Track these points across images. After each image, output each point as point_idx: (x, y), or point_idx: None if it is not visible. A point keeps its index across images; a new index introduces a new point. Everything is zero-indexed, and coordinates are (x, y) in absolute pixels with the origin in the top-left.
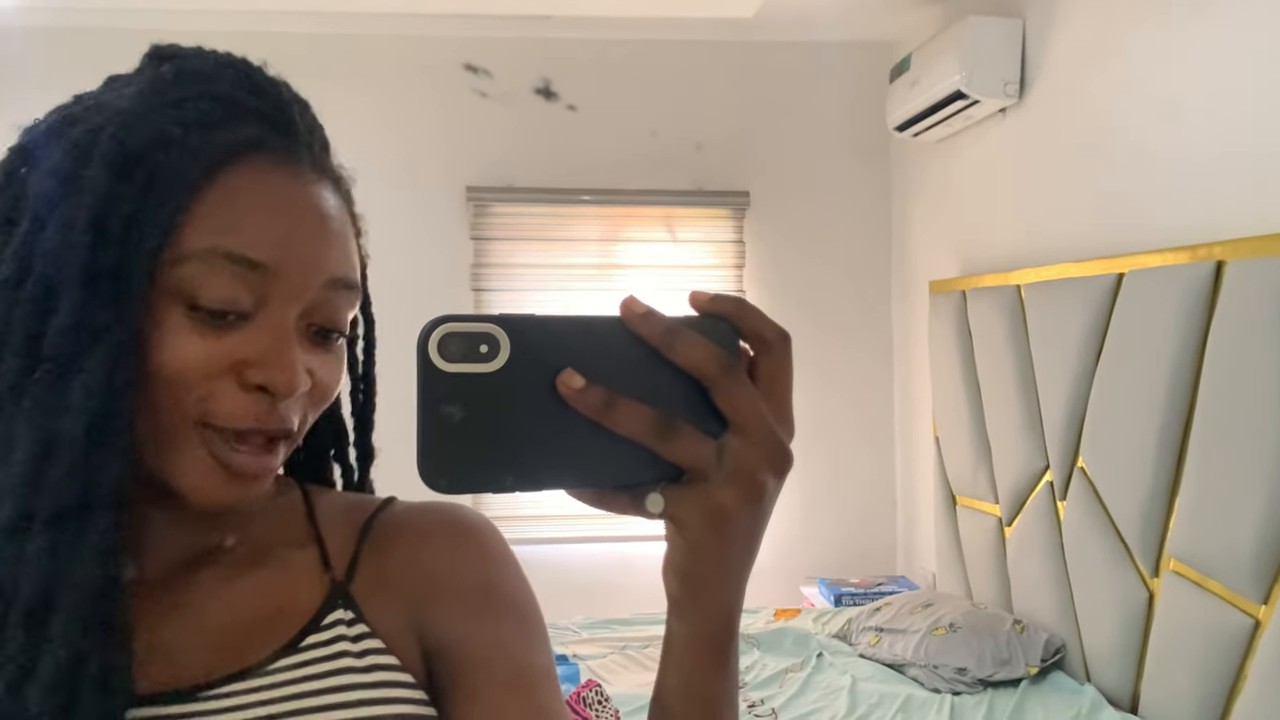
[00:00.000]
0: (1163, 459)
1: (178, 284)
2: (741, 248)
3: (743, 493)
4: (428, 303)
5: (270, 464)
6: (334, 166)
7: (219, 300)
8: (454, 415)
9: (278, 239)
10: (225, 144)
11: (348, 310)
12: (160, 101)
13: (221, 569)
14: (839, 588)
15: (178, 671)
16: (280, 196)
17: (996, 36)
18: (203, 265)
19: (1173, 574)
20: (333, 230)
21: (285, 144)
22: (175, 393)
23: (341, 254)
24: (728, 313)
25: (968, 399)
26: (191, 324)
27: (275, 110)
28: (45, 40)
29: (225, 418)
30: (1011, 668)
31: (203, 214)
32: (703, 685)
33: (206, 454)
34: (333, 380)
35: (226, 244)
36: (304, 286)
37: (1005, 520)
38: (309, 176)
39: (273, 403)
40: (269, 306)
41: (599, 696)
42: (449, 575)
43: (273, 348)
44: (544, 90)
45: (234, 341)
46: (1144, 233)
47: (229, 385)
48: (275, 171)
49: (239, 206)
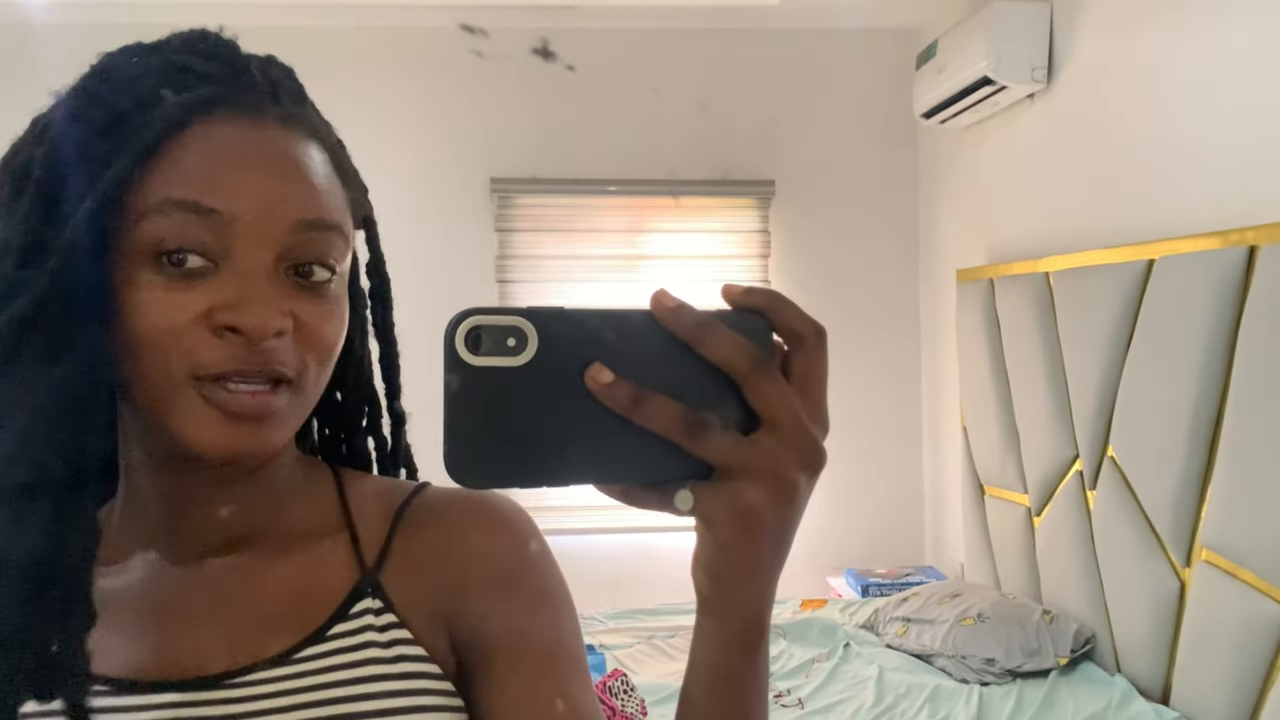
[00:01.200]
0: (1194, 447)
1: (139, 244)
2: (767, 237)
3: (773, 492)
4: (452, 295)
5: (270, 404)
6: (308, 117)
7: (176, 244)
8: (481, 409)
9: (231, 185)
10: (178, 107)
11: (330, 252)
12: (113, 78)
13: (251, 556)
14: (866, 578)
15: (205, 658)
16: (235, 145)
17: (1024, 21)
18: (160, 218)
19: (1205, 564)
20: (297, 174)
21: (243, 98)
22: (156, 351)
23: (309, 197)
24: (761, 306)
25: (996, 388)
26: (160, 279)
27: (230, 68)
28: (76, 36)
29: (208, 365)
30: (1041, 658)
31: (158, 173)
32: (732, 682)
33: (202, 402)
34: (324, 324)
35: (178, 193)
36: (269, 230)
37: (1034, 510)
38: (271, 125)
39: (249, 344)
40: (234, 254)
41: (625, 686)
42: (480, 564)
43: (239, 290)
44: (542, 51)
45: (202, 291)
46: (1174, 218)
47: (203, 333)
48: (232, 124)
49: (191, 160)
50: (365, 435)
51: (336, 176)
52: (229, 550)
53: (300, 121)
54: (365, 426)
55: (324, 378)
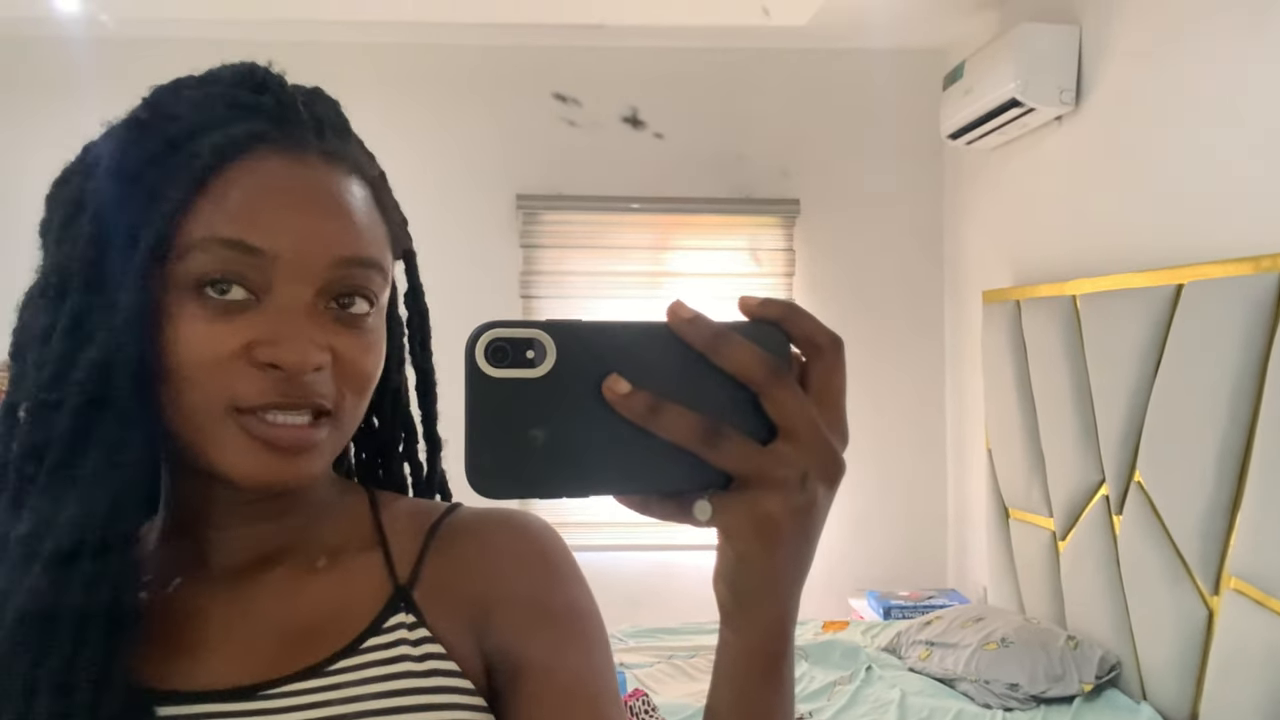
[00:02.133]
0: (1223, 474)
1: (184, 276)
2: (792, 256)
3: (792, 501)
4: (477, 310)
5: (310, 438)
6: (351, 153)
7: (219, 277)
8: (501, 420)
9: (274, 222)
10: (225, 141)
11: (369, 286)
12: (164, 111)
13: (286, 571)
14: (888, 600)
15: (240, 669)
16: (278, 182)
17: (1052, 43)
18: (203, 254)
19: (1233, 592)
20: (339, 211)
21: (288, 134)
22: (197, 382)
23: (349, 233)
24: (778, 317)
25: (1021, 410)
26: (201, 312)
27: (277, 103)
28: (107, 51)
29: (248, 398)
30: (1065, 684)
31: (203, 209)
32: (755, 698)
33: (242, 434)
34: (362, 356)
35: (223, 231)
36: (310, 267)
37: (1059, 534)
38: (314, 162)
39: (289, 379)
40: (275, 290)
41: (646, 706)
42: (513, 586)
43: (279, 326)
44: (632, 119)
45: (242, 324)
46: (1204, 243)
47: (243, 366)
48: (276, 160)
49: (236, 196)
50: (402, 460)
51: (377, 211)
52: (264, 566)
53: (343, 158)
54: (401, 452)
55: (362, 408)
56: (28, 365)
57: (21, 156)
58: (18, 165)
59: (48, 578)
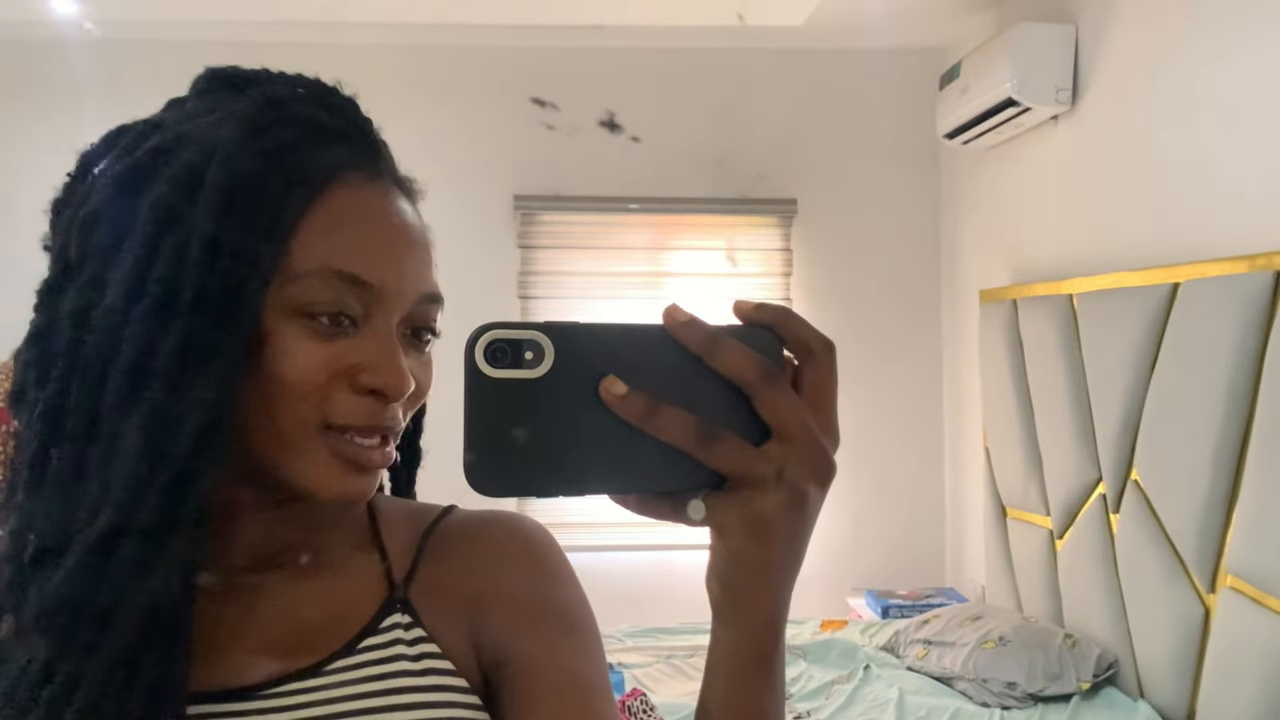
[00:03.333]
0: (1219, 472)
1: (294, 301)
2: (789, 256)
3: (784, 501)
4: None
5: (389, 456)
6: (405, 178)
7: (334, 307)
8: (499, 420)
9: (381, 257)
10: (320, 169)
11: (436, 318)
12: (251, 131)
13: (285, 572)
14: (886, 599)
15: (237, 670)
16: (377, 215)
17: (1049, 43)
18: (316, 282)
19: (1230, 590)
20: (422, 244)
21: (370, 161)
22: (295, 399)
23: (429, 268)
24: (772, 321)
25: (1019, 409)
26: (309, 333)
27: (355, 129)
28: (105, 53)
29: (346, 418)
30: (1063, 683)
31: (309, 237)
32: (747, 694)
33: (329, 453)
34: (427, 381)
35: (338, 264)
36: (404, 300)
37: (1056, 533)
38: (393, 191)
39: (385, 404)
40: (374, 318)
41: (644, 705)
42: (506, 585)
43: (382, 353)
44: (609, 123)
45: (345, 347)
46: (1200, 242)
47: (344, 390)
48: (368, 190)
49: (342, 227)
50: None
51: (426, 235)
52: (263, 567)
53: (402, 183)
54: None
55: None
56: (112, 368)
57: (15, 157)
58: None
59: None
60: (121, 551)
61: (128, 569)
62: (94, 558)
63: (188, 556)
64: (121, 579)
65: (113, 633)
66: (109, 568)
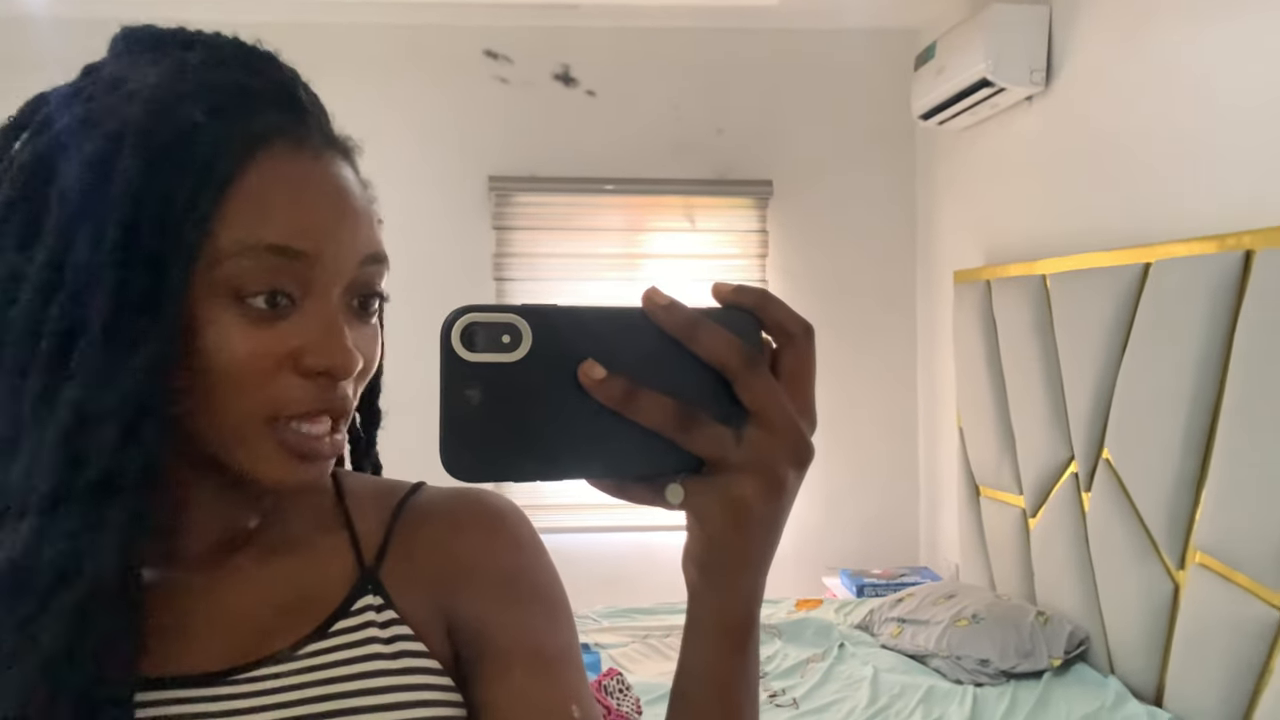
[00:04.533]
0: (1189, 451)
1: (223, 281)
2: (765, 237)
3: (762, 484)
4: (450, 293)
5: (339, 444)
6: (340, 137)
7: (267, 288)
8: (476, 404)
9: (314, 226)
10: (241, 141)
11: (381, 281)
12: (163, 108)
13: (253, 554)
14: (861, 578)
15: (208, 655)
16: (307, 181)
17: (1023, 23)
18: (246, 260)
19: (1199, 566)
20: (359, 207)
21: (298, 125)
22: (236, 391)
23: (369, 229)
24: (750, 305)
25: (992, 389)
26: (243, 319)
27: (281, 90)
28: (75, 31)
29: (292, 406)
30: (1034, 660)
31: (237, 208)
32: (723, 673)
33: (277, 445)
34: (373, 349)
35: (267, 236)
36: (343, 268)
37: (1029, 511)
38: (325, 154)
39: (333, 384)
40: (313, 292)
41: (620, 685)
42: (476, 561)
43: (325, 332)
44: (563, 76)
45: (285, 331)
46: (1172, 222)
47: (289, 376)
48: (296, 155)
49: (271, 197)
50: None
51: (367, 194)
52: (232, 550)
53: (336, 143)
54: None
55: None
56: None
57: None
58: None
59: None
60: (55, 534)
61: (60, 551)
62: (30, 539)
63: (127, 540)
64: (55, 558)
65: (49, 617)
66: (43, 551)
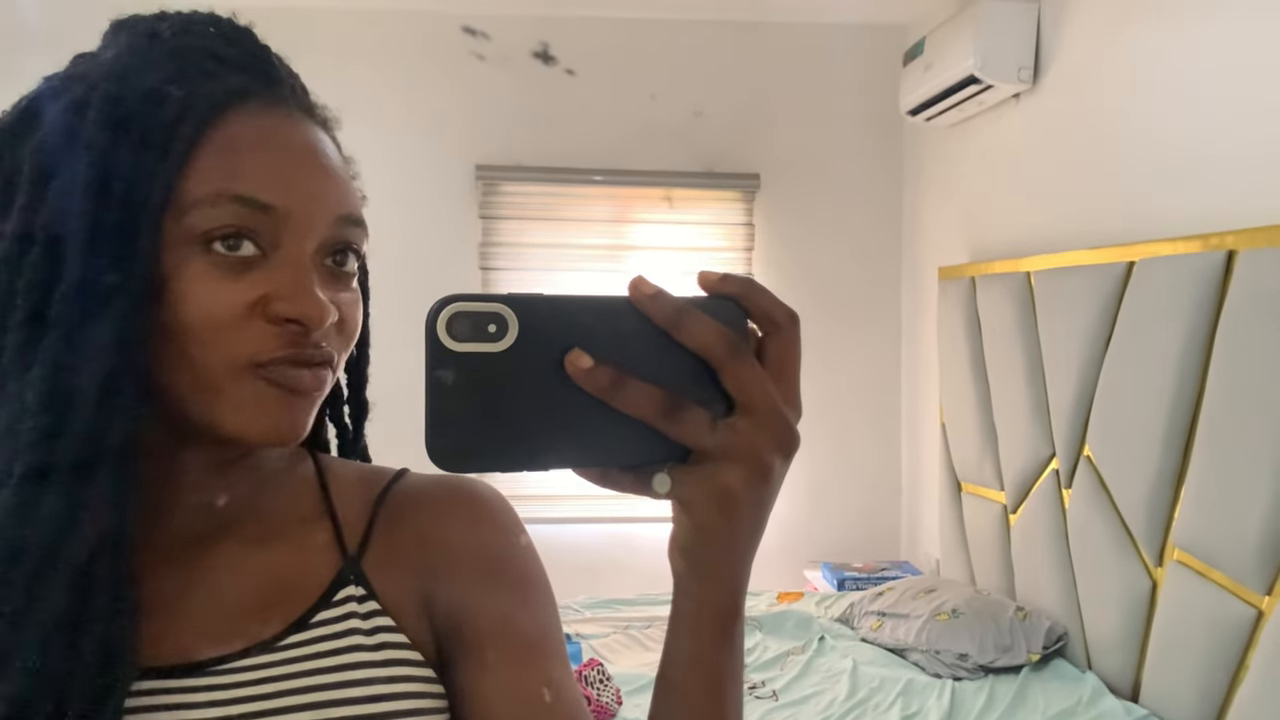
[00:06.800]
0: (1169, 449)
1: (189, 232)
2: (751, 230)
3: (749, 473)
4: (435, 281)
5: (322, 379)
6: (318, 107)
7: (232, 230)
8: (462, 394)
9: (282, 180)
10: (216, 94)
11: (359, 244)
12: (146, 59)
13: (234, 543)
14: (842, 572)
15: (189, 645)
16: (277, 139)
17: (1011, 21)
18: (212, 209)
19: (1177, 564)
20: (332, 168)
21: (270, 89)
22: (207, 341)
23: (344, 191)
24: (736, 293)
25: (975, 385)
26: (210, 268)
27: (254, 58)
28: (63, 7)
29: (267, 351)
30: (1013, 654)
31: (204, 164)
32: (708, 660)
33: (266, 386)
34: (355, 315)
35: (234, 187)
36: (314, 224)
37: (1010, 507)
38: (298, 118)
39: (306, 333)
40: (283, 245)
41: (601, 675)
42: (460, 548)
43: (294, 281)
44: (542, 54)
45: (253, 280)
46: (1156, 221)
47: (260, 323)
48: (267, 116)
49: (239, 152)
50: (327, 423)
51: (347, 165)
52: (214, 539)
53: (312, 112)
54: (330, 415)
55: (345, 361)
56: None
57: None
58: None
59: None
60: (41, 506)
61: (49, 524)
62: (13, 513)
63: (114, 500)
64: (44, 533)
65: (43, 594)
66: (29, 521)
